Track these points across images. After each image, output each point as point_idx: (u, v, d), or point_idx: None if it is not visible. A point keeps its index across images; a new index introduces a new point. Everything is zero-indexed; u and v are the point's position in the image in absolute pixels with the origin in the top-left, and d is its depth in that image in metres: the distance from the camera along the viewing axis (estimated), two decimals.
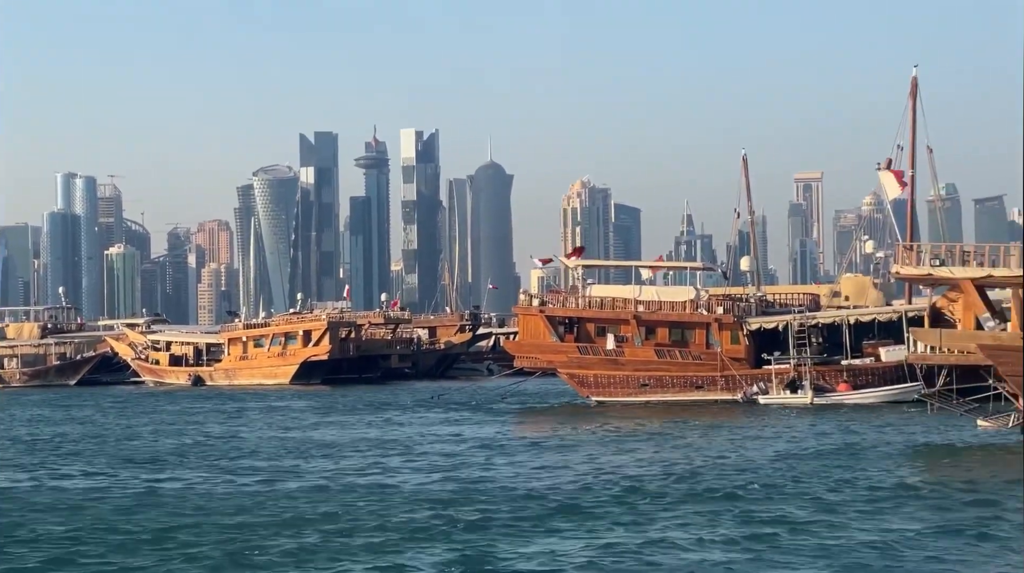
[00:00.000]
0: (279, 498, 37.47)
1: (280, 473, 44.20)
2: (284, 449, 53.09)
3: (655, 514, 33.36)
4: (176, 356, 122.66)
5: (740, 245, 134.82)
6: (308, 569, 27.38)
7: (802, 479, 40.10)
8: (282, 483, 41.10)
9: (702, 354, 79.14)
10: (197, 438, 59.63)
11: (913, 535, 29.91)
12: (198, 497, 38.09)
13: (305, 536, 30.73)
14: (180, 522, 33.10)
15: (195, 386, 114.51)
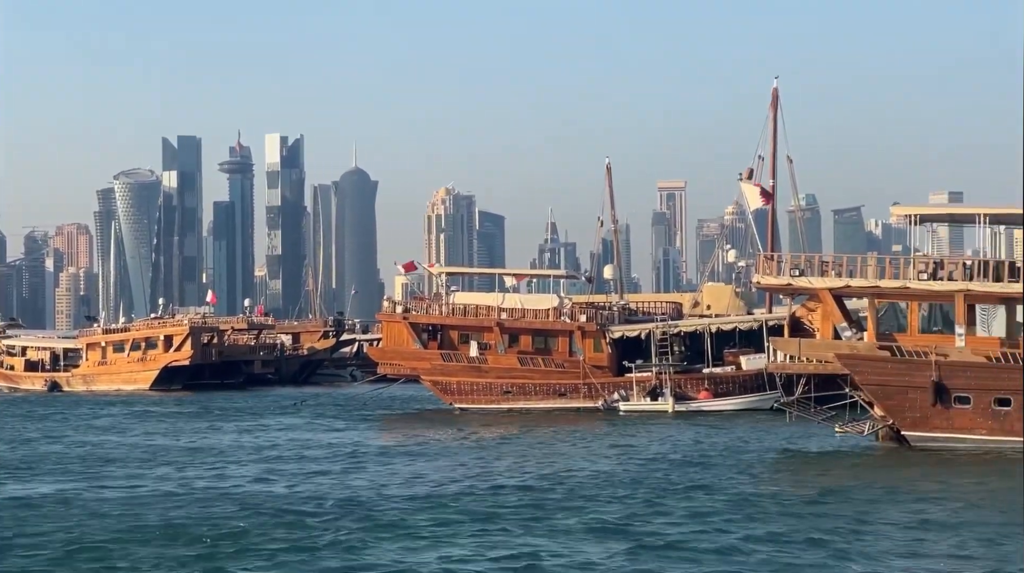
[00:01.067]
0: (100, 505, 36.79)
1: (106, 479, 43.46)
2: (127, 456, 52.10)
3: (463, 528, 32.54)
4: (32, 361, 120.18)
5: (604, 253, 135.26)
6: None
7: (648, 485, 40.23)
8: (105, 490, 40.38)
9: (565, 362, 79.38)
10: (45, 445, 58.38)
11: (763, 543, 29.98)
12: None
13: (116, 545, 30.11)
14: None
15: (52, 392, 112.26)
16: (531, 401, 79.02)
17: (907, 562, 27.65)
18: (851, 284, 51.75)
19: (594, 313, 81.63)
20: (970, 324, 50.14)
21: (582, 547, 29.65)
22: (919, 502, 36.24)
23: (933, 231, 56.48)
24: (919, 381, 49.28)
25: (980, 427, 49.10)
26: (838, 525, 32.11)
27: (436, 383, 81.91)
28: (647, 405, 74.52)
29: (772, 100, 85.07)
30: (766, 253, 59.96)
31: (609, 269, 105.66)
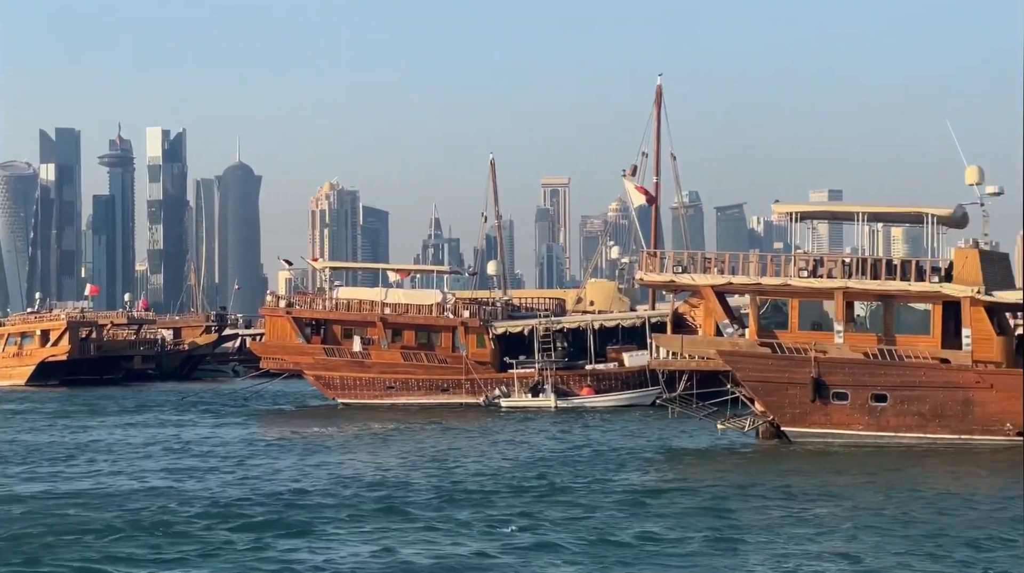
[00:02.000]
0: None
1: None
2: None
3: (341, 525, 32.22)
4: None
5: (487, 249, 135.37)
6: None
7: (526, 483, 40.22)
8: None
9: (448, 357, 79.42)
10: None
11: (646, 539, 30.05)
12: None
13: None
14: None
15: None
16: (414, 396, 78.94)
17: (787, 559, 27.84)
18: (733, 281, 52.16)
19: (477, 309, 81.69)
20: (849, 321, 50.78)
21: (459, 543, 29.53)
22: (794, 497, 36.57)
23: (813, 229, 57.05)
24: (799, 377, 49.82)
25: (857, 423, 49.75)
26: (719, 522, 32.25)
27: (319, 378, 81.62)
28: (529, 401, 74.71)
29: (656, 97, 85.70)
30: (649, 250, 60.35)
31: (492, 265, 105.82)
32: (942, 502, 35.44)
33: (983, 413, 48.77)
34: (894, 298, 50.46)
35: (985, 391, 48.74)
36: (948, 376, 49.16)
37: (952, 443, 48.61)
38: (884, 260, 51.57)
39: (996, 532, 30.69)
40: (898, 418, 49.42)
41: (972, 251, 50.62)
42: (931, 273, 50.20)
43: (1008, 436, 48.40)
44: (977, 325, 49.36)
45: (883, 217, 55.72)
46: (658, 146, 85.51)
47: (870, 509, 34.34)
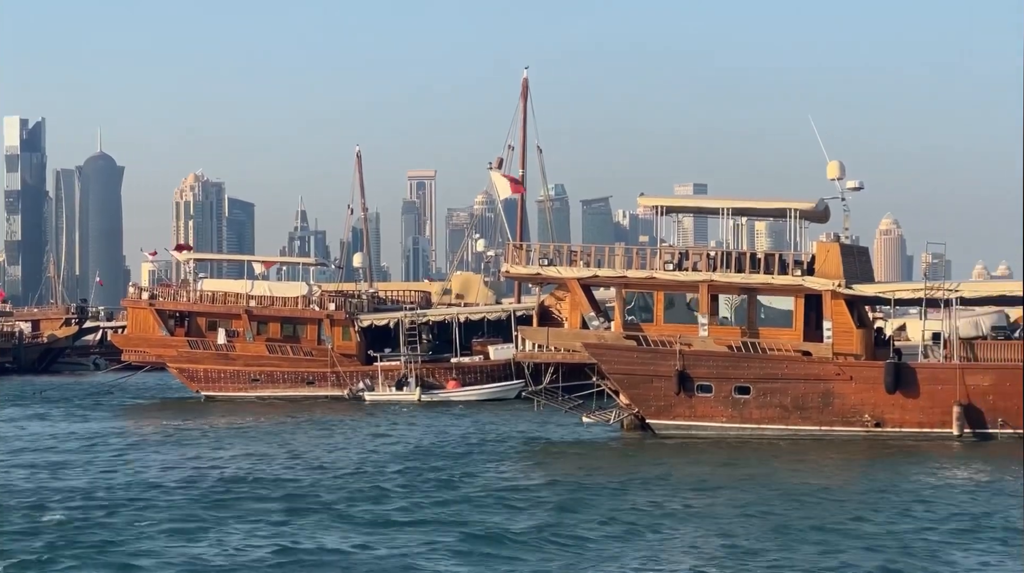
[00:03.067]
0: None
1: None
2: None
3: (204, 521, 31.55)
4: None
5: (353, 241, 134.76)
6: None
7: (387, 475, 40.11)
8: None
9: (313, 350, 79.04)
10: None
11: (505, 535, 30.01)
12: None
13: None
14: None
15: None
16: (279, 389, 78.49)
17: (646, 552, 27.97)
18: (599, 274, 52.38)
19: (343, 301, 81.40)
20: (713, 314, 51.25)
21: (314, 537, 29.30)
22: (657, 489, 36.79)
23: (678, 222, 57.52)
24: (663, 370, 50.19)
25: (721, 415, 50.25)
26: (580, 516, 32.27)
27: (182, 371, 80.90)
28: (392, 394, 74.60)
29: (522, 90, 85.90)
30: (515, 242, 60.36)
31: (359, 257, 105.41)
32: (800, 492, 35.88)
33: (842, 405, 49.50)
34: (757, 291, 51.03)
35: (845, 383, 49.47)
36: (809, 368, 49.84)
37: (813, 434, 49.29)
38: (748, 253, 52.13)
39: (846, 520, 31.25)
40: (761, 410, 49.98)
41: (833, 245, 51.31)
42: (794, 266, 50.83)
43: (866, 427, 49.20)
44: (838, 318, 50.09)
45: (747, 211, 56.33)
46: (524, 139, 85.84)
47: (731, 501, 34.66)
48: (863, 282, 52.06)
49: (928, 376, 49.18)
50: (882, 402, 49.17)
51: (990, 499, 34.89)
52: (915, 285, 52.46)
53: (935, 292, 50.59)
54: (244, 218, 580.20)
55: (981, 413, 48.72)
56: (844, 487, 37.87)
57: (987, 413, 48.71)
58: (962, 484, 38.15)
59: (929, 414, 48.95)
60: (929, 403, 48.95)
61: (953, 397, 48.59)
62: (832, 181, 52.51)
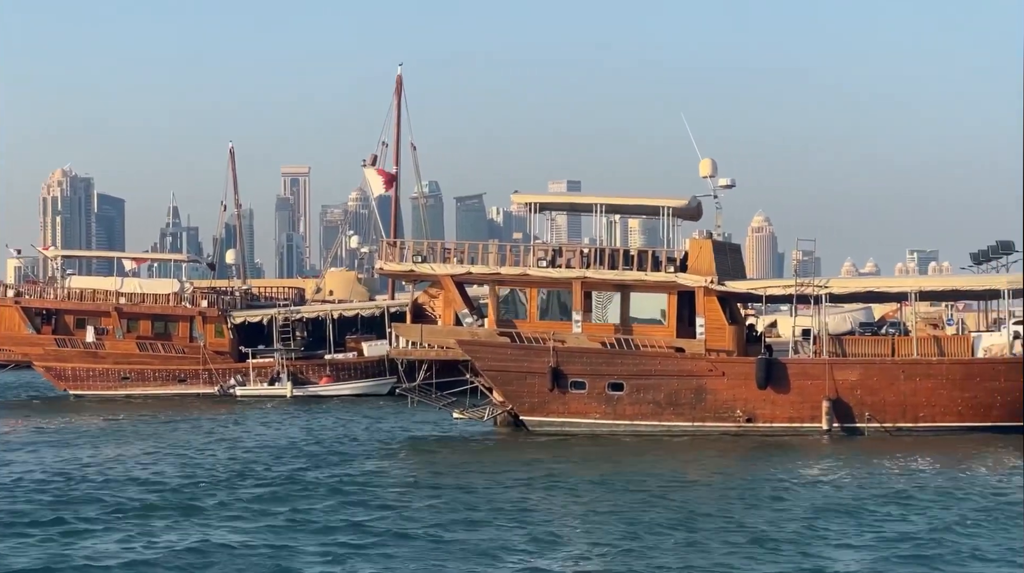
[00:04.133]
0: None
1: None
2: None
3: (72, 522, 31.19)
4: None
5: (226, 238, 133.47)
6: None
7: (250, 473, 39.82)
8: None
9: (185, 347, 78.23)
10: None
11: (372, 535, 29.88)
12: None
13: None
14: None
15: None
16: (150, 387, 77.59)
17: (508, 546, 27.95)
18: (472, 271, 52.38)
19: (216, 298, 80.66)
20: (587, 310, 51.41)
21: (166, 538, 28.98)
22: (525, 485, 36.85)
23: (552, 219, 57.68)
24: (537, 367, 50.28)
25: (594, 411, 50.44)
26: (453, 514, 32.20)
27: (50, 369, 79.69)
28: (264, 390, 74.17)
29: (396, 87, 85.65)
30: (389, 239, 60.19)
31: (231, 254, 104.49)
32: (661, 487, 36.16)
33: (715, 400, 49.93)
34: (631, 288, 51.28)
35: (717, 379, 49.91)
36: (682, 365, 50.20)
37: (686, 430, 49.66)
38: (621, 250, 52.39)
39: (706, 513, 31.65)
40: (634, 406, 50.25)
41: (706, 242, 51.77)
42: (667, 263, 51.18)
43: (738, 422, 49.68)
44: (710, 315, 50.52)
45: (620, 208, 56.66)
46: (398, 136, 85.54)
47: (599, 496, 34.84)
48: (735, 279, 52.59)
49: (798, 371, 49.78)
50: (753, 398, 49.68)
51: (858, 493, 35.38)
52: (786, 282, 53.09)
53: (805, 289, 51.24)
54: (114, 214, 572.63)
55: (849, 408, 49.41)
56: (707, 481, 38.15)
57: (855, 408, 49.41)
58: (825, 478, 38.68)
59: (799, 409, 49.54)
60: (799, 398, 49.55)
61: (822, 392, 49.22)
62: (704, 179, 52.99)
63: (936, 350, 50.36)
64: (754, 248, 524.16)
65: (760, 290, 53.05)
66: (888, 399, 49.31)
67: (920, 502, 33.57)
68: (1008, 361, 49.39)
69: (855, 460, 42.41)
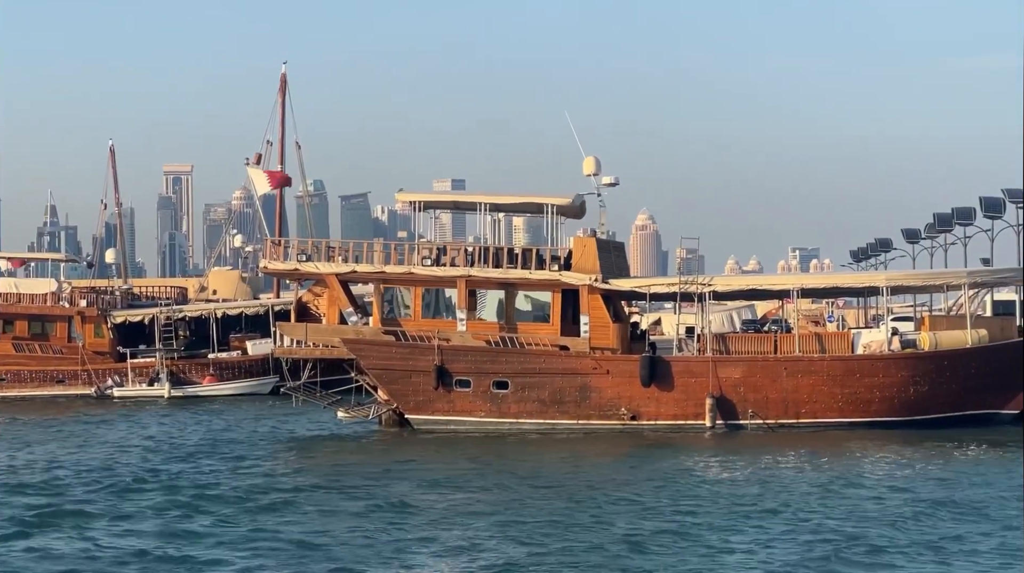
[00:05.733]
0: None
1: None
2: None
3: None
4: None
5: (107, 237, 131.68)
6: None
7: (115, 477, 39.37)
8: None
9: (64, 348, 77.13)
10: None
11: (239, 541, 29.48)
12: None
13: None
14: None
15: None
16: (27, 388, 76.32)
17: (383, 549, 27.84)
18: (357, 269, 52.21)
19: (96, 298, 79.60)
20: (471, 309, 51.40)
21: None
22: (404, 485, 36.75)
23: (437, 218, 57.61)
24: (422, 365, 50.18)
25: (479, 409, 50.44)
26: (332, 518, 31.97)
27: None
28: (142, 391, 73.35)
29: (280, 85, 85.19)
30: (273, 238, 59.81)
31: (111, 253, 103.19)
32: (538, 486, 36.30)
33: (600, 398, 50.12)
34: (515, 286, 51.35)
35: (602, 377, 50.10)
36: (567, 363, 50.35)
37: (571, 428, 49.81)
38: (506, 248, 52.46)
39: (579, 512, 31.83)
40: (519, 405, 50.31)
41: (590, 240, 52.00)
42: (551, 261, 51.31)
43: (623, 420, 49.92)
44: (595, 313, 50.70)
45: (504, 207, 56.71)
46: (283, 135, 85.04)
47: (485, 495, 34.89)
48: (619, 277, 52.87)
49: (682, 369, 50.12)
50: (638, 395, 49.94)
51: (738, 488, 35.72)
52: (670, 280, 53.50)
53: (689, 287, 51.64)
54: None
55: (733, 405, 49.84)
56: (581, 479, 38.31)
57: (738, 404, 49.85)
58: (706, 473, 39.05)
59: (683, 406, 49.89)
60: (683, 396, 49.89)
61: (706, 389, 49.60)
62: (588, 177, 53.20)
63: (818, 347, 50.96)
64: (638, 246, 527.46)
65: (644, 288, 53.35)
66: (771, 396, 49.81)
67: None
68: (886, 357, 50.12)
69: (734, 454, 42.99)
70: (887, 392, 49.75)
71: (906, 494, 34.33)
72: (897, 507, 32.23)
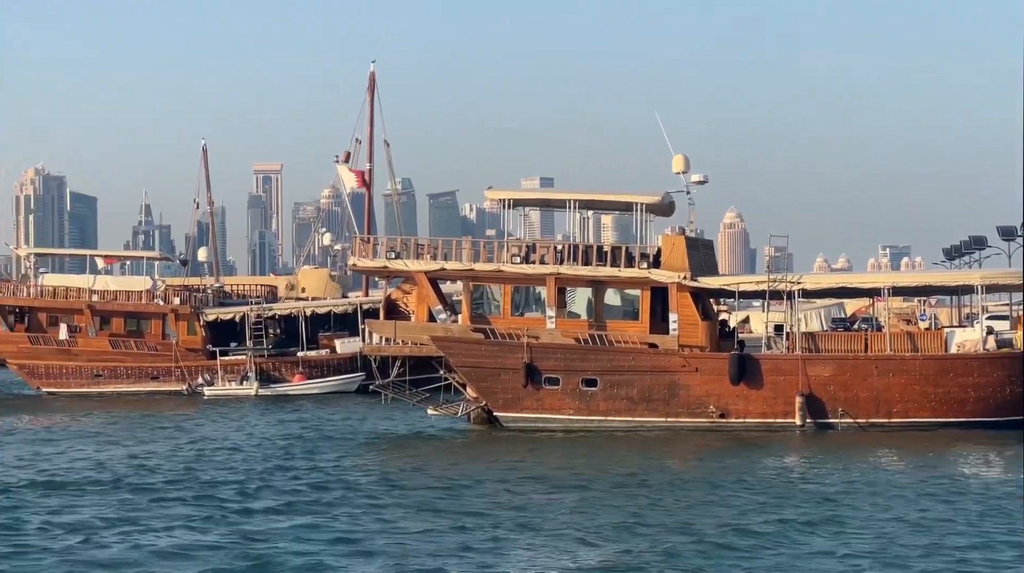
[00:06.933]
0: None
1: None
2: None
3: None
4: None
5: (199, 235, 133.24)
6: None
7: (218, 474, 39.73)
8: None
9: (158, 345, 78.05)
10: None
11: (351, 534, 29.81)
12: None
13: None
14: None
15: None
16: (123, 385, 77.31)
17: (485, 548, 27.94)
18: (446, 267, 52.36)
19: (188, 296, 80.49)
20: (560, 306, 51.43)
21: (161, 537, 28.90)
22: (502, 482, 36.82)
23: (525, 215, 57.68)
24: (511, 363, 50.26)
25: (568, 407, 50.43)
26: (436, 514, 32.15)
27: (23, 367, 79.36)
28: (231, 389, 73.86)
29: (369, 84, 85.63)
30: (362, 236, 60.10)
31: (204, 251, 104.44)
32: (636, 483, 36.21)
33: (688, 396, 49.98)
34: (604, 284, 51.32)
35: (690, 375, 49.96)
36: (655, 360, 50.24)
37: (659, 426, 49.69)
38: (595, 246, 52.42)
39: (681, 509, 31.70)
40: (608, 402, 50.27)
41: (678, 238, 51.85)
42: (640, 259, 51.21)
43: (711, 418, 49.75)
44: (684, 310, 50.56)
45: (593, 204, 56.62)
46: (371, 133, 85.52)
47: (569, 493, 34.86)
48: (708, 275, 52.67)
49: (771, 367, 49.87)
50: (727, 393, 49.74)
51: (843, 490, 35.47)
52: (758, 278, 53.23)
53: (778, 284, 51.36)
54: (87, 212, 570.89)
55: (822, 403, 49.51)
56: (682, 476, 38.20)
57: (828, 403, 49.51)
58: (803, 473, 38.81)
59: (772, 404, 49.64)
60: (772, 394, 49.64)
61: (795, 388, 49.32)
62: (677, 175, 53.05)
63: (909, 346, 50.50)
64: (726, 244, 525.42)
65: (733, 286, 53.14)
66: (861, 395, 49.43)
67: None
68: (982, 356, 49.58)
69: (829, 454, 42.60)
70: (983, 392, 49.20)
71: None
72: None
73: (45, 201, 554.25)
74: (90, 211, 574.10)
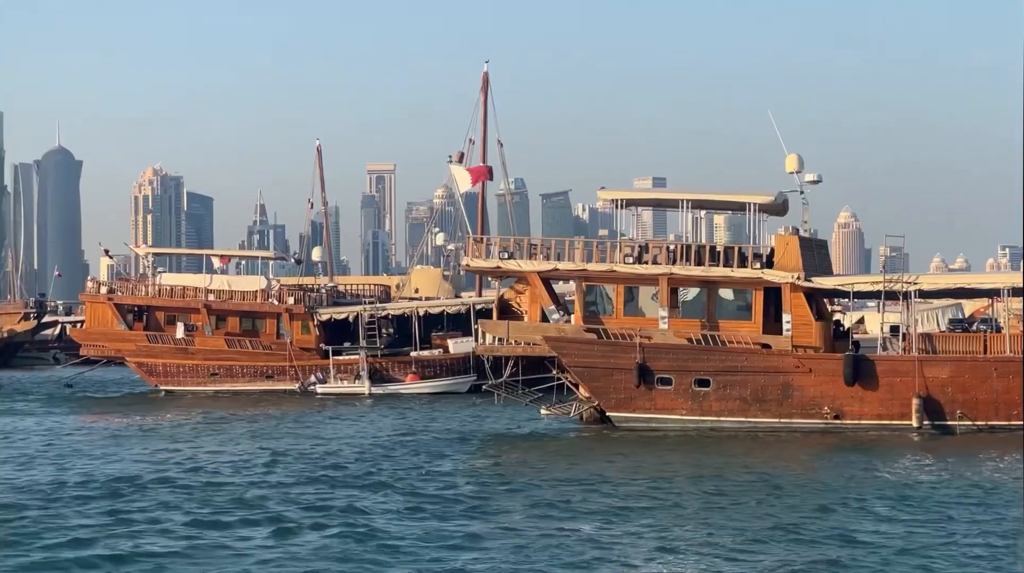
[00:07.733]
0: None
1: None
2: None
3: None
4: None
5: (313, 235, 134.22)
6: None
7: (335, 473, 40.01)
8: None
9: (272, 344, 78.81)
10: None
11: (475, 532, 29.99)
12: None
13: None
14: None
15: None
16: (238, 383, 78.25)
17: (616, 545, 27.93)
18: (559, 267, 52.38)
19: (302, 295, 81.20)
20: (673, 306, 51.26)
21: (297, 536, 29.22)
22: (625, 482, 36.76)
23: (638, 215, 57.56)
24: (624, 363, 50.17)
25: (681, 407, 50.26)
26: (554, 511, 32.18)
27: (141, 365, 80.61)
28: (344, 387, 74.33)
29: (482, 84, 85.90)
30: (475, 236, 60.30)
31: (318, 251, 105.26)
32: (758, 484, 35.96)
33: (802, 397, 49.60)
34: (717, 284, 51.10)
35: (804, 375, 49.57)
36: (769, 361, 49.93)
37: (772, 427, 49.36)
38: (707, 246, 52.19)
39: (805, 514, 31.34)
40: (721, 402, 50.04)
41: (792, 238, 51.47)
42: (753, 259, 50.91)
43: (825, 419, 49.33)
44: (797, 311, 50.20)
45: (706, 204, 56.36)
46: (484, 133, 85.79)
47: (698, 491, 34.75)
48: (822, 275, 52.24)
49: (887, 368, 49.35)
50: (841, 394, 49.30)
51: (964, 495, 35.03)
52: (873, 278, 52.65)
53: (894, 285, 50.79)
54: (203, 212, 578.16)
55: (940, 405, 48.91)
56: (807, 479, 37.90)
57: (946, 405, 48.90)
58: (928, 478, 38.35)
59: (888, 406, 49.13)
60: (888, 395, 49.12)
61: (912, 389, 48.76)
62: (791, 174, 52.67)
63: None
64: (840, 244, 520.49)
65: (847, 286, 52.67)
66: (980, 397, 48.77)
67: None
68: None
69: (951, 459, 42.02)
70: None
71: None
72: None
73: (163, 201, 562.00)
74: (206, 211, 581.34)
